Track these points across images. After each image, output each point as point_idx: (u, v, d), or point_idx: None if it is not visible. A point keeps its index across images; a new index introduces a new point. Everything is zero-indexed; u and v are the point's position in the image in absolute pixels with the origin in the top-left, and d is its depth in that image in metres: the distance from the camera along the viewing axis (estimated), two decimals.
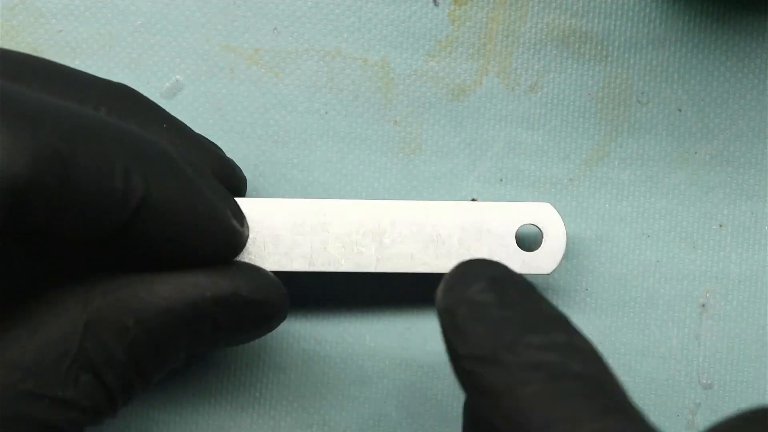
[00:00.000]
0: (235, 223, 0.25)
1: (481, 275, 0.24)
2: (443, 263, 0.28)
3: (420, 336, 0.30)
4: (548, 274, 0.29)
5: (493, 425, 0.21)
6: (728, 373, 0.30)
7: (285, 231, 0.28)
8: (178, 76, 0.30)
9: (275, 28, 0.30)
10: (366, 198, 0.30)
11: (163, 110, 0.26)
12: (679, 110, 0.30)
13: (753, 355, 0.30)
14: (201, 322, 0.24)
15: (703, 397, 0.30)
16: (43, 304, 0.23)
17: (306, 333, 0.30)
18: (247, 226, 0.26)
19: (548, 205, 0.29)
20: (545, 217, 0.29)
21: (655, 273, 0.30)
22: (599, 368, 0.21)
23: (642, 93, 0.30)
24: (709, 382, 0.30)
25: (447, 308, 0.23)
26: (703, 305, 0.30)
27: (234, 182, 0.27)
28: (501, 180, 0.30)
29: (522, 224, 0.28)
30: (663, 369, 0.30)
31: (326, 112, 0.30)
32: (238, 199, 0.27)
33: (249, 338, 0.27)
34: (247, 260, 0.27)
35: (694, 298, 0.30)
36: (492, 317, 0.22)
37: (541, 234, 0.29)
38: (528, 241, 0.29)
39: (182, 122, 0.26)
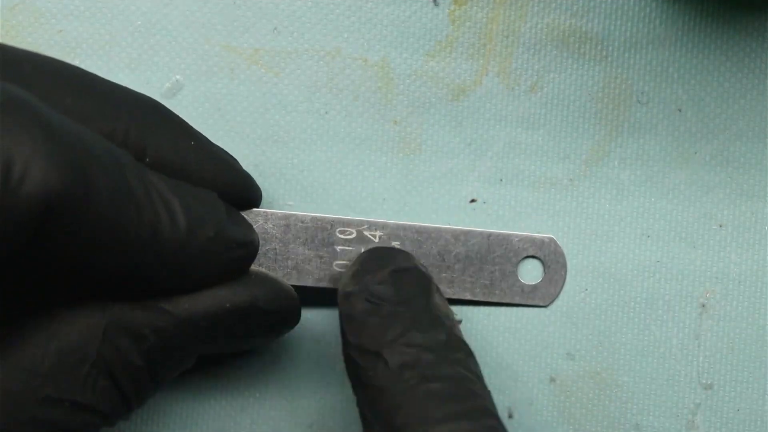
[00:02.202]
0: (242, 237, 0.25)
1: (384, 266, 0.26)
2: (446, 289, 0.29)
3: None
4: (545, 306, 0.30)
5: (365, 416, 0.24)
6: (728, 373, 0.30)
7: (294, 245, 0.28)
8: (178, 76, 0.30)
9: (275, 28, 0.30)
10: (366, 198, 0.30)
11: (188, 125, 0.26)
12: (679, 110, 0.30)
13: (753, 355, 0.30)
14: (216, 331, 0.25)
15: (703, 397, 0.30)
16: (61, 310, 0.23)
17: (306, 333, 0.30)
18: (257, 236, 0.27)
19: (553, 238, 0.29)
20: (549, 250, 0.29)
21: (655, 273, 0.30)
22: (466, 371, 0.24)
23: (642, 93, 0.30)
24: (709, 382, 0.30)
25: (346, 296, 0.26)
26: (703, 305, 0.30)
27: (250, 197, 0.28)
28: (501, 180, 0.30)
29: (526, 255, 0.29)
30: (663, 369, 0.30)
31: (326, 112, 0.30)
32: (251, 210, 0.27)
33: (260, 344, 0.27)
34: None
35: (694, 298, 0.30)
36: (384, 311, 0.25)
37: (544, 267, 0.29)
38: (530, 272, 0.30)
39: (204, 136, 0.26)
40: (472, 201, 0.30)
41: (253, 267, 0.26)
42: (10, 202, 0.19)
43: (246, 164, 0.29)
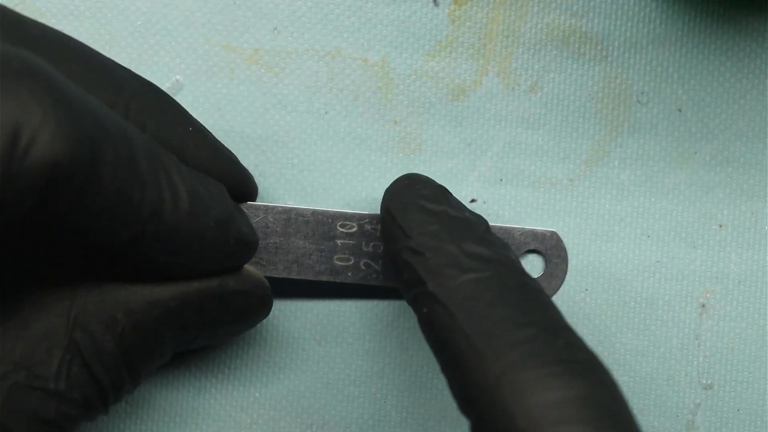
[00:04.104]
0: (242, 234, 0.25)
1: (428, 183, 0.27)
2: None
3: (420, 336, 0.30)
4: None
5: (424, 297, 0.23)
6: (728, 373, 0.30)
7: (295, 238, 0.28)
8: (178, 76, 0.30)
9: (275, 28, 0.30)
10: (366, 198, 0.30)
11: (188, 113, 0.26)
12: (679, 110, 0.30)
13: (753, 355, 0.30)
14: (188, 313, 0.25)
15: (703, 397, 0.30)
16: (31, 298, 0.23)
17: (306, 333, 0.30)
18: (257, 238, 0.27)
19: (555, 232, 0.29)
20: (551, 244, 0.29)
21: (655, 273, 0.30)
22: (520, 270, 0.23)
23: (642, 93, 0.30)
24: (709, 382, 0.30)
25: (403, 203, 0.25)
26: (703, 305, 0.30)
27: (246, 189, 0.28)
28: (501, 180, 0.30)
29: (527, 249, 0.29)
30: (663, 369, 0.30)
31: (326, 112, 0.30)
32: (253, 204, 0.27)
33: (234, 331, 0.27)
34: (256, 265, 0.27)
35: (694, 298, 0.30)
36: (441, 218, 0.24)
37: (545, 261, 0.29)
38: (531, 266, 0.30)
39: (204, 127, 0.27)
40: (473, 201, 0.30)
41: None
42: (15, 170, 0.19)
43: (246, 164, 0.29)
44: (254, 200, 0.28)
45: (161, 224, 0.22)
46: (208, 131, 0.27)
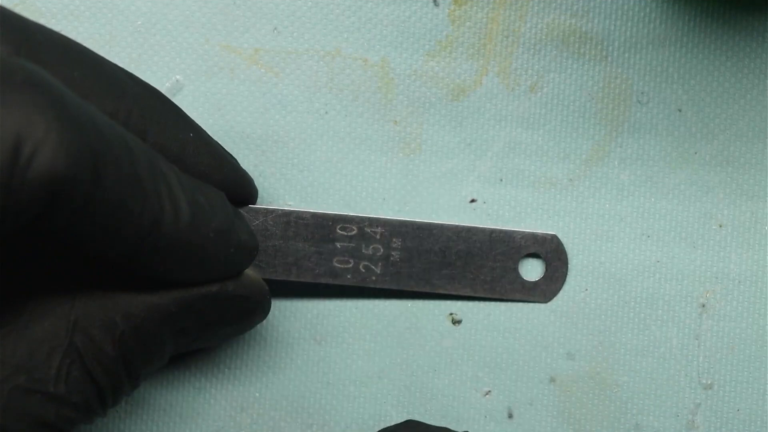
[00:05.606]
0: (243, 241, 0.26)
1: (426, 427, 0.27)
2: (447, 285, 0.29)
3: (419, 336, 0.30)
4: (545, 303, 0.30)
5: None
6: (728, 373, 0.30)
7: (295, 241, 0.28)
8: (178, 76, 0.30)
9: (275, 28, 0.30)
10: (366, 199, 0.30)
11: (189, 117, 0.26)
12: (679, 110, 0.30)
13: (753, 355, 0.30)
14: (187, 318, 0.25)
15: (703, 397, 0.30)
16: (32, 302, 0.23)
17: (306, 333, 0.30)
18: (257, 243, 0.27)
19: (555, 235, 0.29)
20: (551, 248, 0.29)
21: (655, 273, 0.30)
22: None
23: (642, 93, 0.30)
24: (709, 382, 0.30)
25: None
26: (703, 305, 0.30)
27: (246, 194, 0.28)
28: (501, 180, 0.30)
29: (528, 252, 0.29)
30: (663, 369, 0.30)
31: (326, 112, 0.30)
32: (253, 207, 0.28)
33: (232, 333, 0.27)
34: (256, 268, 0.27)
35: (694, 298, 0.30)
36: None
37: (545, 264, 0.29)
38: (531, 269, 0.30)
39: (205, 131, 0.27)
40: (472, 201, 0.30)
41: None
42: (17, 183, 0.19)
43: (246, 164, 0.29)
44: (254, 203, 0.28)
45: (162, 236, 0.22)
46: (209, 136, 0.27)
